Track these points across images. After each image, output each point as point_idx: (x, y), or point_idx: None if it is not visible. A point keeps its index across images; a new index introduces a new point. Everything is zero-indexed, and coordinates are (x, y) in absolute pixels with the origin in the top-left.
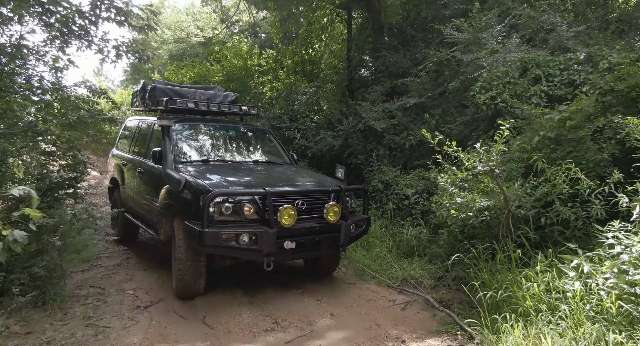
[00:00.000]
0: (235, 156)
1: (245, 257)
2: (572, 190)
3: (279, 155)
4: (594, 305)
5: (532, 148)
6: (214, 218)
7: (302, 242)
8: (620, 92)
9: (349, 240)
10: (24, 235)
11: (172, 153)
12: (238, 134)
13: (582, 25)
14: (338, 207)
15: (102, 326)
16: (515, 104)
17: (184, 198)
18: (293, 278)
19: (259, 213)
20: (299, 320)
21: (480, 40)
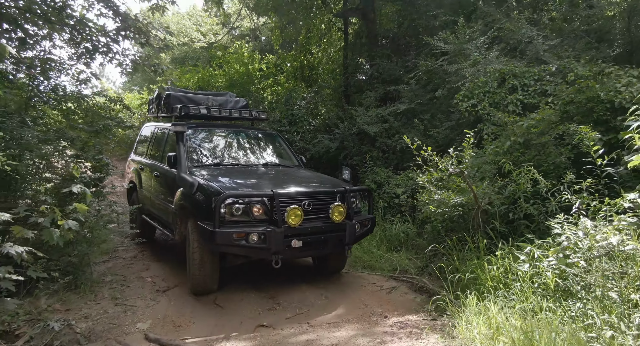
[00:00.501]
0: (246, 159)
1: (254, 255)
2: (533, 189)
3: (288, 157)
4: (540, 283)
5: (504, 152)
6: (225, 219)
7: (309, 241)
8: (579, 103)
9: (354, 239)
10: (76, 224)
11: (186, 158)
12: (248, 138)
13: (556, 39)
14: (343, 207)
15: (129, 305)
16: (492, 112)
17: (197, 200)
18: (295, 271)
19: (268, 213)
20: (297, 302)
21: (464, 51)
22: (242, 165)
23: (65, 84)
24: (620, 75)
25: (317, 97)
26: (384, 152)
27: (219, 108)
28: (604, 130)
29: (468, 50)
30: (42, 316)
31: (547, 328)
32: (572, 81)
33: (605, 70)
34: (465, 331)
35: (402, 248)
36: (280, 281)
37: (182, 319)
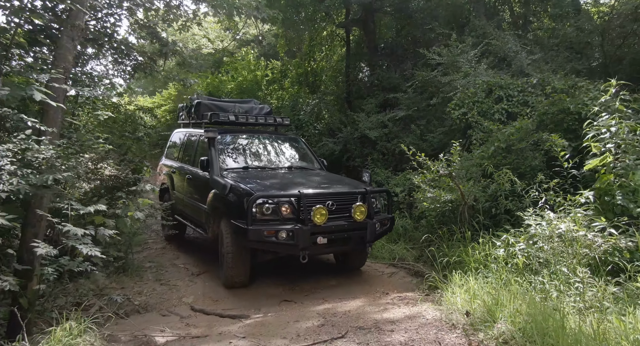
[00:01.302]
0: (272, 162)
1: (283, 250)
2: (512, 188)
3: (311, 161)
4: (512, 264)
5: (489, 156)
6: (256, 217)
7: (333, 238)
8: (553, 114)
9: (374, 236)
10: (143, 215)
11: (218, 162)
12: (273, 142)
13: (538, 54)
14: (364, 206)
15: (171, 285)
16: (480, 120)
17: (230, 201)
18: (309, 264)
19: (295, 212)
20: (313, 285)
21: (457, 63)
22: (268, 168)
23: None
24: (590, 89)
25: (321, 103)
26: (383, 154)
27: (246, 115)
28: (573, 137)
29: (460, 63)
30: (105, 292)
31: (510, 293)
32: (549, 93)
33: (578, 84)
34: (450, 299)
35: (401, 240)
36: (297, 270)
37: (217, 296)
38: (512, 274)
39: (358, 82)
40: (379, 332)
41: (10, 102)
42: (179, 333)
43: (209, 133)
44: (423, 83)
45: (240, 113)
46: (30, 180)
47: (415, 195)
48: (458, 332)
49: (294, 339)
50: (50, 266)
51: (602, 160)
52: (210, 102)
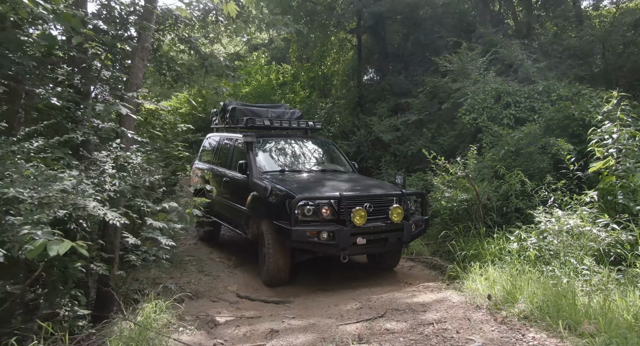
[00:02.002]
0: (306, 166)
1: (324, 250)
2: (522, 188)
3: (343, 164)
4: (525, 256)
5: (499, 159)
6: (298, 219)
7: (372, 239)
8: (559, 120)
9: (411, 237)
10: (199, 213)
11: (256, 165)
12: (306, 146)
13: (543, 62)
14: (401, 208)
15: (214, 275)
16: (490, 125)
17: (271, 203)
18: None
19: (334, 214)
20: (342, 277)
21: (466, 70)
22: (303, 171)
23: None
24: (593, 96)
25: (334, 108)
26: (395, 156)
27: (280, 120)
28: (577, 142)
29: (469, 70)
30: (157, 281)
31: (526, 279)
32: (555, 100)
33: (582, 91)
34: (471, 286)
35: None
36: (325, 263)
37: (257, 285)
38: (526, 265)
39: (369, 87)
40: (413, 312)
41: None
42: (234, 315)
43: (247, 138)
44: (433, 89)
45: (274, 118)
46: (129, 182)
47: (434, 195)
48: (483, 311)
49: (339, 318)
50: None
51: (605, 163)
52: (244, 107)
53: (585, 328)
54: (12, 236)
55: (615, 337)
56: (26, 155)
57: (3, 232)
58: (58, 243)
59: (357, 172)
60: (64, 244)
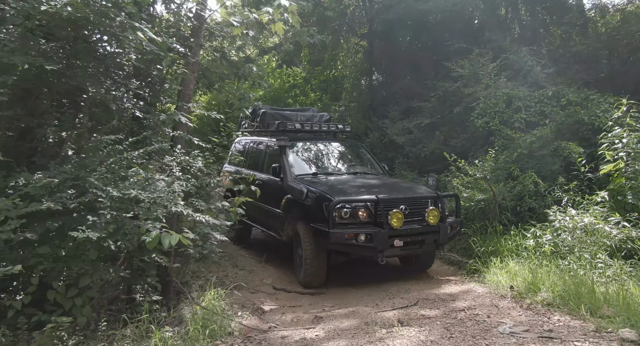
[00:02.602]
0: (338, 168)
1: (361, 252)
2: (535, 189)
3: (373, 166)
4: (540, 251)
5: (512, 161)
6: (335, 221)
7: (408, 241)
8: (569, 124)
9: (447, 239)
10: (242, 211)
11: (290, 168)
12: (336, 149)
13: (552, 68)
14: (437, 210)
15: (249, 270)
16: (502, 129)
17: (307, 205)
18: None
19: (371, 216)
20: (368, 269)
21: (477, 76)
22: (335, 173)
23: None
24: (601, 101)
25: (347, 110)
26: (409, 158)
27: (310, 123)
28: (587, 145)
29: (480, 75)
30: (197, 274)
31: (545, 272)
32: (564, 105)
33: (590, 96)
34: (493, 278)
35: None
36: (349, 261)
37: (290, 279)
38: (542, 259)
39: (380, 90)
40: (443, 301)
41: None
42: (277, 304)
43: (281, 142)
44: (445, 93)
45: (305, 122)
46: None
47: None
48: (508, 300)
49: (375, 307)
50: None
51: (615, 165)
52: (274, 111)
53: (605, 311)
54: (131, 229)
55: (633, 316)
56: (130, 162)
57: (123, 226)
58: (169, 236)
59: (388, 174)
60: (174, 236)
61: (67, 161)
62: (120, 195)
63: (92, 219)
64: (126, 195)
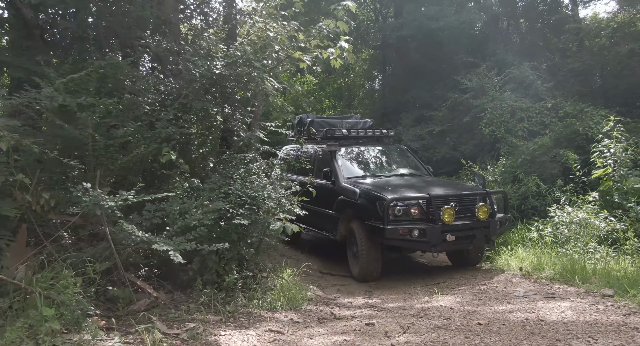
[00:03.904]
0: (385, 170)
1: (415, 247)
2: (537, 190)
3: (418, 167)
4: (542, 242)
5: (517, 166)
6: (390, 218)
7: (460, 236)
8: (566, 134)
9: (497, 234)
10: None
11: (341, 172)
12: (382, 152)
13: (551, 82)
14: (487, 206)
15: (295, 258)
16: (507, 137)
17: (360, 205)
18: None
19: (423, 213)
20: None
21: (484, 88)
22: (383, 175)
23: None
24: (594, 114)
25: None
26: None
27: (356, 129)
28: (582, 152)
29: (487, 88)
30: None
31: (547, 256)
32: (562, 117)
33: (585, 109)
34: (505, 262)
35: None
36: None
37: (332, 265)
38: (544, 247)
39: (393, 99)
40: (467, 279)
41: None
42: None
43: (331, 147)
44: (455, 103)
45: (350, 128)
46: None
47: None
48: (518, 277)
49: (411, 285)
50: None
51: (604, 171)
52: (321, 119)
53: (593, 281)
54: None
55: (611, 281)
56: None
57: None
58: (289, 227)
59: (432, 175)
60: (294, 226)
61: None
62: (255, 195)
63: (240, 212)
64: (260, 196)
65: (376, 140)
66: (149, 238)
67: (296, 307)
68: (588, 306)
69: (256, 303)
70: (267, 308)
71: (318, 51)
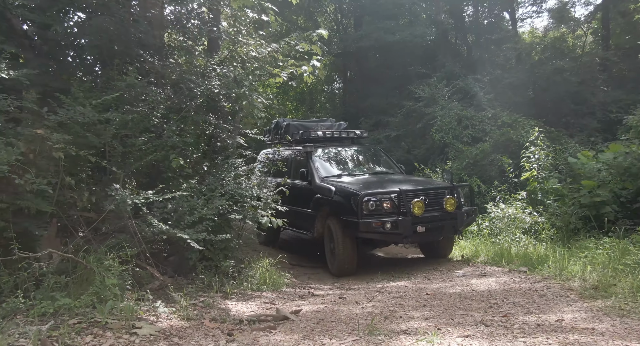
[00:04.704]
0: (359, 169)
1: (388, 239)
2: (478, 190)
3: (391, 166)
4: (481, 234)
5: (462, 168)
6: (364, 212)
7: (430, 227)
8: (502, 141)
9: (464, 225)
10: (279, 207)
11: (316, 171)
12: (356, 153)
13: (491, 94)
14: (454, 199)
15: (267, 252)
16: (454, 143)
17: (336, 201)
18: None
19: (395, 207)
20: None
21: (435, 98)
22: (358, 174)
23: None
24: (525, 124)
25: None
26: None
27: (331, 131)
28: (514, 157)
29: (437, 98)
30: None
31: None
32: (500, 125)
33: (518, 119)
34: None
35: None
36: None
37: (300, 258)
38: (482, 238)
39: (352, 104)
40: (417, 266)
41: (232, 145)
42: (300, 272)
43: (306, 148)
44: (409, 110)
45: (325, 130)
46: (259, 186)
47: None
48: (460, 262)
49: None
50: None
51: (530, 173)
52: (297, 122)
53: (515, 262)
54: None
55: (527, 262)
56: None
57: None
58: (274, 220)
59: (405, 174)
60: (279, 221)
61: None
62: (246, 194)
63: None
64: (249, 195)
65: (351, 141)
66: (168, 229)
67: (278, 289)
68: (508, 280)
69: (246, 285)
70: (254, 290)
71: (293, 69)
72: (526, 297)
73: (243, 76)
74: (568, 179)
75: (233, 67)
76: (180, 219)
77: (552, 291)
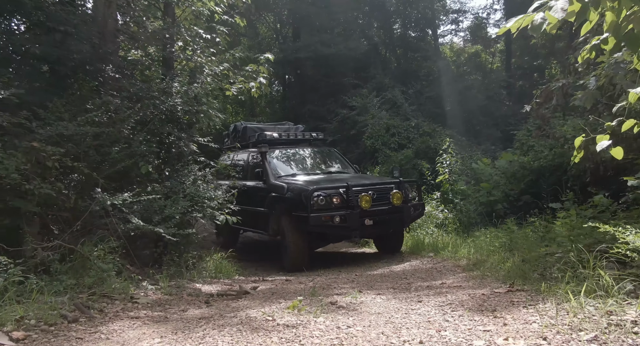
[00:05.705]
0: (314, 169)
1: (338, 232)
2: None
3: (346, 166)
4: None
5: (389, 172)
6: (313, 208)
7: (377, 220)
8: (423, 148)
9: (410, 218)
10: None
11: (271, 170)
12: (312, 154)
13: (415, 105)
14: (400, 193)
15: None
16: (383, 148)
17: (288, 198)
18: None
19: (344, 202)
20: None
21: (366, 107)
22: (312, 173)
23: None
24: (442, 133)
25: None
26: None
27: (288, 133)
28: (432, 162)
29: (368, 107)
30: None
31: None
32: (422, 134)
33: (436, 129)
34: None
35: None
36: None
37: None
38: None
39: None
40: (354, 264)
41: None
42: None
43: (261, 148)
44: (344, 118)
45: (282, 132)
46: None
47: None
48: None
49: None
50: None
51: (443, 176)
52: (254, 125)
53: (427, 250)
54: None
55: (433, 249)
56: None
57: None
58: (229, 218)
59: (359, 173)
60: (233, 218)
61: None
62: (206, 196)
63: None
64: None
65: (307, 143)
66: (145, 225)
67: (231, 277)
68: (418, 263)
69: (205, 273)
70: (212, 277)
71: (243, 84)
72: (427, 273)
73: (202, 95)
74: (472, 182)
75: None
76: (151, 217)
77: (446, 267)
